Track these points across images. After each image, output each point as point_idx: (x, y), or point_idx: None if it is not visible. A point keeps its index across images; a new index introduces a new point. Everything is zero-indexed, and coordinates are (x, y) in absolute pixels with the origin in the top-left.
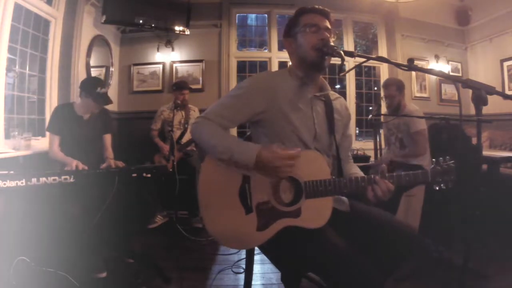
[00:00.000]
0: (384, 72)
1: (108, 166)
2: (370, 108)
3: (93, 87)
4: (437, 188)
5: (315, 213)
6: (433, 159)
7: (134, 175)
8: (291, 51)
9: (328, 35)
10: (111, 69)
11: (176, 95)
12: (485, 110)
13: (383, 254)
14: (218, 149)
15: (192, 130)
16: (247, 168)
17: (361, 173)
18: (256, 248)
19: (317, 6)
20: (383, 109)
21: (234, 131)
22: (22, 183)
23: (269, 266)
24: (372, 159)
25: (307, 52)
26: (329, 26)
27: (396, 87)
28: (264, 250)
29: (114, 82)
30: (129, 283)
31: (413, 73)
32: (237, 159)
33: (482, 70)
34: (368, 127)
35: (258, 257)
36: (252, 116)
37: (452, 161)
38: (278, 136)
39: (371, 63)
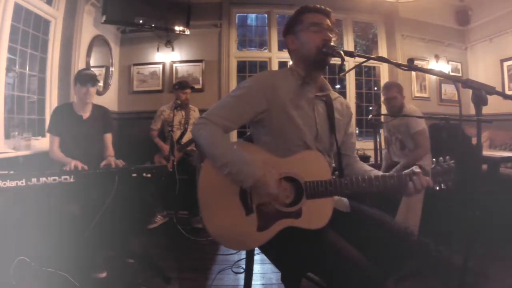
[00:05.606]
0: (384, 72)
1: (108, 165)
2: (370, 108)
3: (79, 71)
4: (438, 188)
5: (316, 214)
6: (434, 159)
7: (134, 175)
8: (292, 48)
9: (331, 35)
10: (111, 69)
11: (178, 94)
12: (485, 110)
13: (383, 255)
14: (218, 163)
15: (193, 132)
16: (241, 185)
17: (377, 171)
18: (256, 248)
19: (319, 6)
20: (383, 109)
21: (234, 131)
22: (22, 183)
23: (269, 266)
24: (372, 159)
25: (309, 51)
26: (331, 25)
27: (397, 89)
28: (264, 250)
29: (114, 82)
30: (129, 283)
31: (413, 73)
32: (234, 177)
33: (482, 70)
34: (368, 127)
35: (258, 257)
36: (255, 116)
37: (452, 161)
38: (279, 135)
39: (371, 63)
